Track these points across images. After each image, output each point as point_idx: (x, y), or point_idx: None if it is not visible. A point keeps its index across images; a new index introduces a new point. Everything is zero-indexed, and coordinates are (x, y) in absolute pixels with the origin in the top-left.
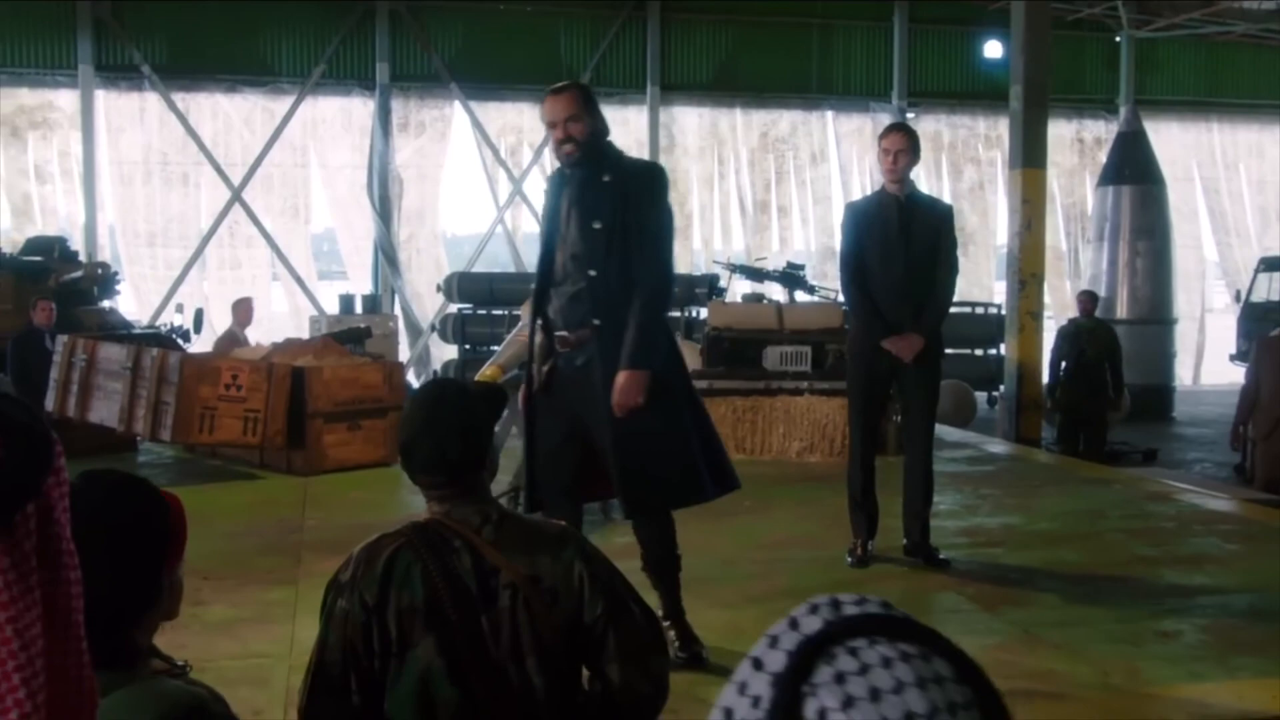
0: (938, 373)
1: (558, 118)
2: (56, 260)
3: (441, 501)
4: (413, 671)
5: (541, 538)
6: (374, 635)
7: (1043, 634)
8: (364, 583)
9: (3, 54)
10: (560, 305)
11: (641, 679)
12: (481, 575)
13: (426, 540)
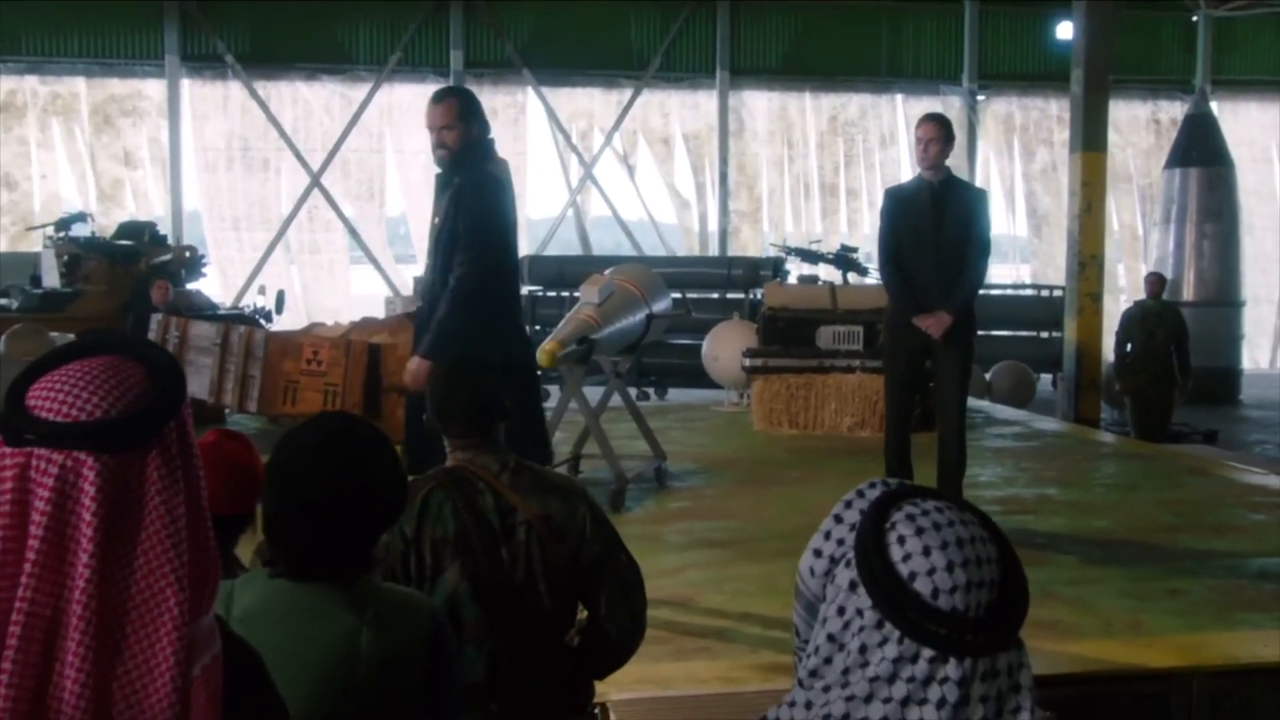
0: (969, 349)
1: (434, 125)
2: (147, 244)
3: (466, 450)
4: (442, 593)
5: (551, 485)
6: (411, 562)
7: (1057, 590)
8: (403, 519)
9: (95, 46)
10: (424, 283)
11: (624, 611)
12: (501, 513)
13: (455, 482)
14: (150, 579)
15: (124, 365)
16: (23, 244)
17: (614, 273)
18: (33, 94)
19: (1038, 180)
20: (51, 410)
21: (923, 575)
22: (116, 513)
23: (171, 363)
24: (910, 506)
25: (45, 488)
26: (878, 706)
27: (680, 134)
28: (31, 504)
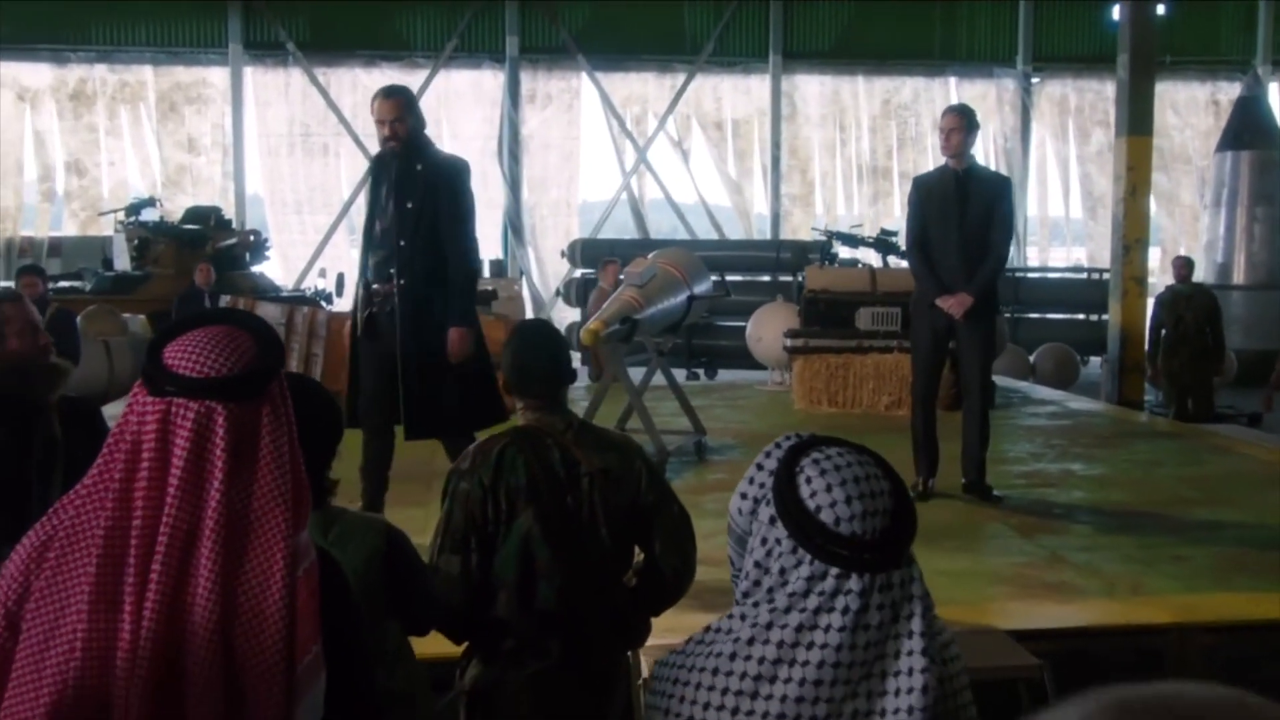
0: (991, 328)
1: (386, 118)
2: (213, 228)
3: (536, 411)
4: (516, 535)
5: (610, 442)
6: (488, 508)
7: (1067, 555)
8: (481, 469)
9: (161, 35)
10: (374, 264)
11: (676, 554)
12: (567, 465)
13: (526, 439)
14: (265, 501)
15: (237, 334)
16: (92, 229)
17: (656, 256)
18: (102, 83)
19: (1093, 163)
20: (188, 368)
21: (826, 508)
22: (238, 449)
23: (272, 333)
24: (816, 453)
25: (185, 429)
26: (795, 615)
27: (732, 118)
28: (173, 442)
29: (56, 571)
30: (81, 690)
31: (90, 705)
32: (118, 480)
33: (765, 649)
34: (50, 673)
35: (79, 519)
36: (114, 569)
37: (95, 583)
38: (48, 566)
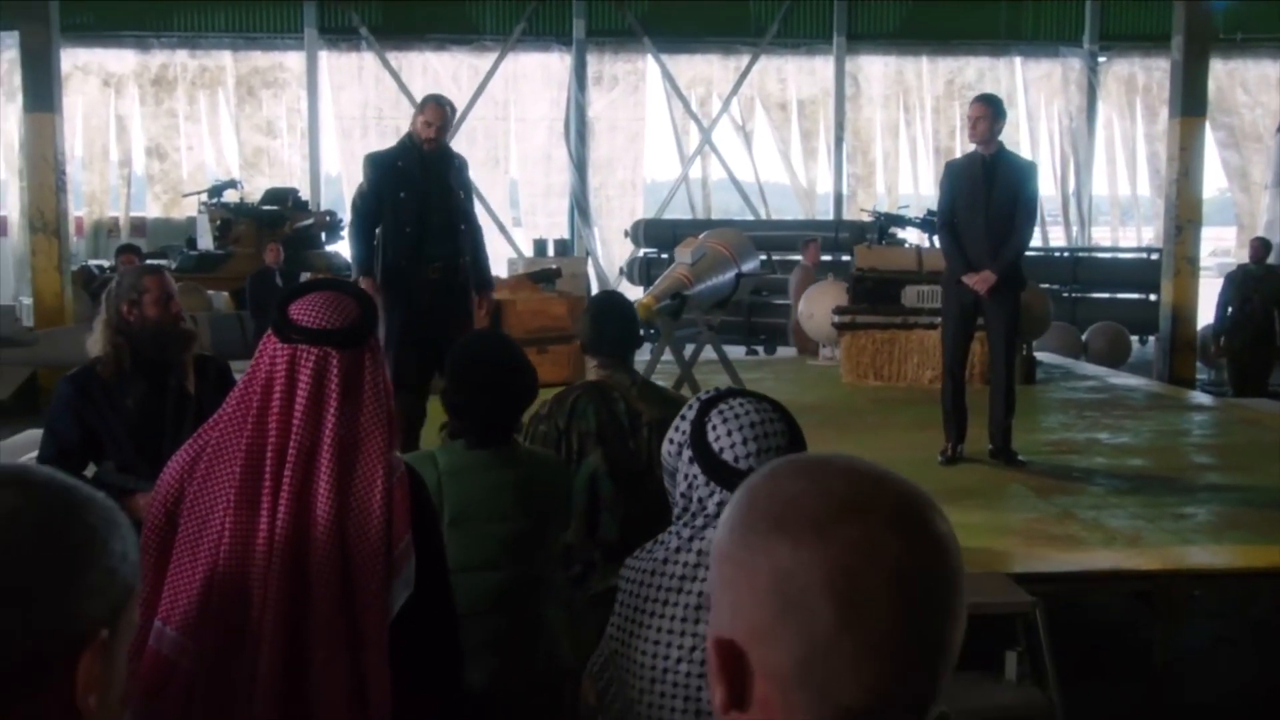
0: (1015, 303)
1: (437, 121)
2: (290, 209)
3: (604, 368)
4: (585, 472)
5: (668, 398)
6: (561, 447)
7: (1077, 513)
8: (557, 415)
9: (240, 20)
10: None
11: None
12: (630, 416)
13: (596, 391)
14: (368, 426)
15: (344, 297)
16: (174, 210)
17: (707, 236)
18: (183, 68)
19: (1161, 142)
20: (309, 321)
21: (727, 449)
22: (347, 386)
23: (369, 298)
24: (722, 405)
25: (307, 369)
26: (710, 531)
27: (797, 99)
28: (298, 379)
29: (206, 479)
30: (228, 570)
31: (234, 582)
32: (254, 409)
33: (686, 556)
34: (203, 557)
35: (223, 439)
36: (253, 477)
37: (238, 488)
38: (198, 475)
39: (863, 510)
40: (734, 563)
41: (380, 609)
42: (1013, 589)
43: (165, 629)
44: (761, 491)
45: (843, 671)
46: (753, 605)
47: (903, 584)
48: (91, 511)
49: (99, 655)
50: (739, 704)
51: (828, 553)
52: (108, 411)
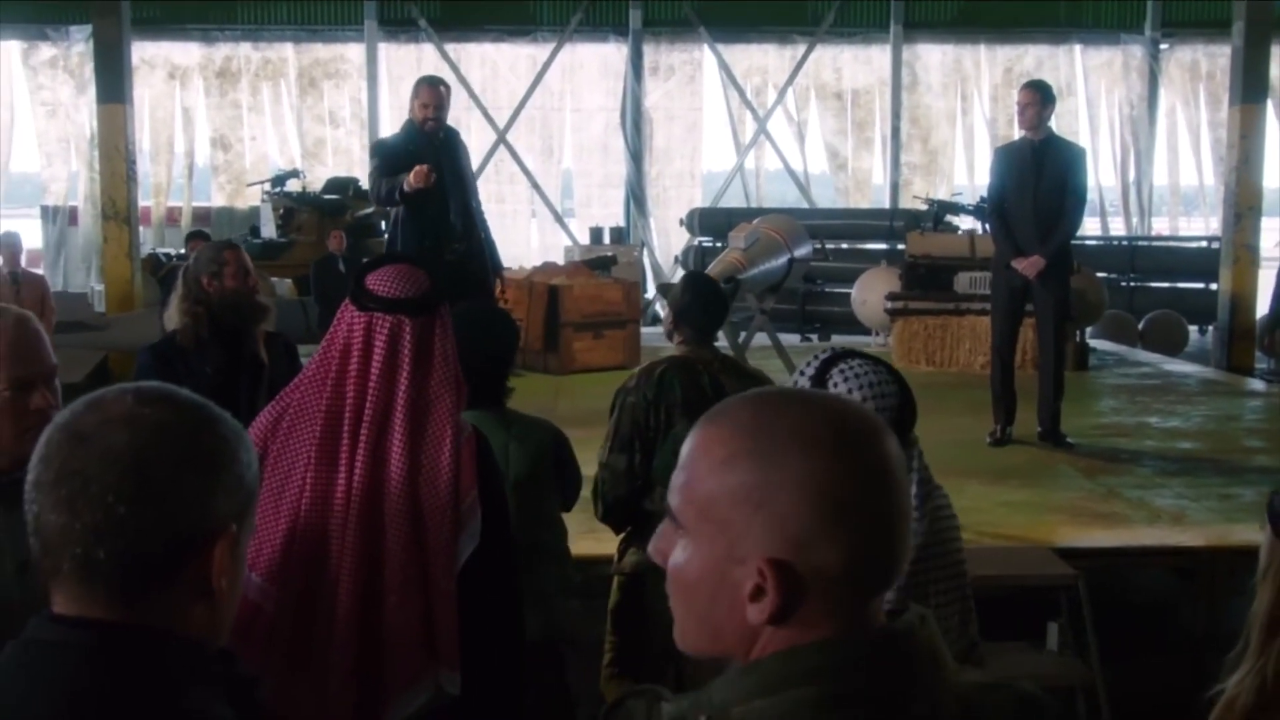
0: (1064, 288)
1: (438, 103)
2: (351, 198)
3: (689, 344)
4: (672, 441)
5: (748, 373)
6: (650, 418)
7: (1123, 492)
8: (645, 387)
9: (302, 14)
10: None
11: None
12: (714, 388)
13: (682, 365)
14: (438, 389)
15: (416, 270)
16: (238, 200)
17: (760, 221)
18: (246, 60)
19: (1225, 128)
20: (385, 291)
21: None
22: (419, 352)
23: (436, 272)
24: (843, 363)
25: (382, 336)
26: None
27: (852, 89)
28: (374, 344)
29: (288, 438)
30: (309, 522)
31: (314, 532)
32: (333, 373)
33: None
34: (285, 510)
35: (304, 401)
36: (332, 436)
37: (319, 446)
38: (281, 434)
39: (860, 426)
40: (768, 484)
41: (448, 559)
42: (1057, 563)
43: (250, 576)
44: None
45: (875, 564)
46: (795, 518)
47: (901, 480)
48: (224, 425)
49: (229, 546)
50: (785, 617)
51: (859, 460)
52: (185, 378)
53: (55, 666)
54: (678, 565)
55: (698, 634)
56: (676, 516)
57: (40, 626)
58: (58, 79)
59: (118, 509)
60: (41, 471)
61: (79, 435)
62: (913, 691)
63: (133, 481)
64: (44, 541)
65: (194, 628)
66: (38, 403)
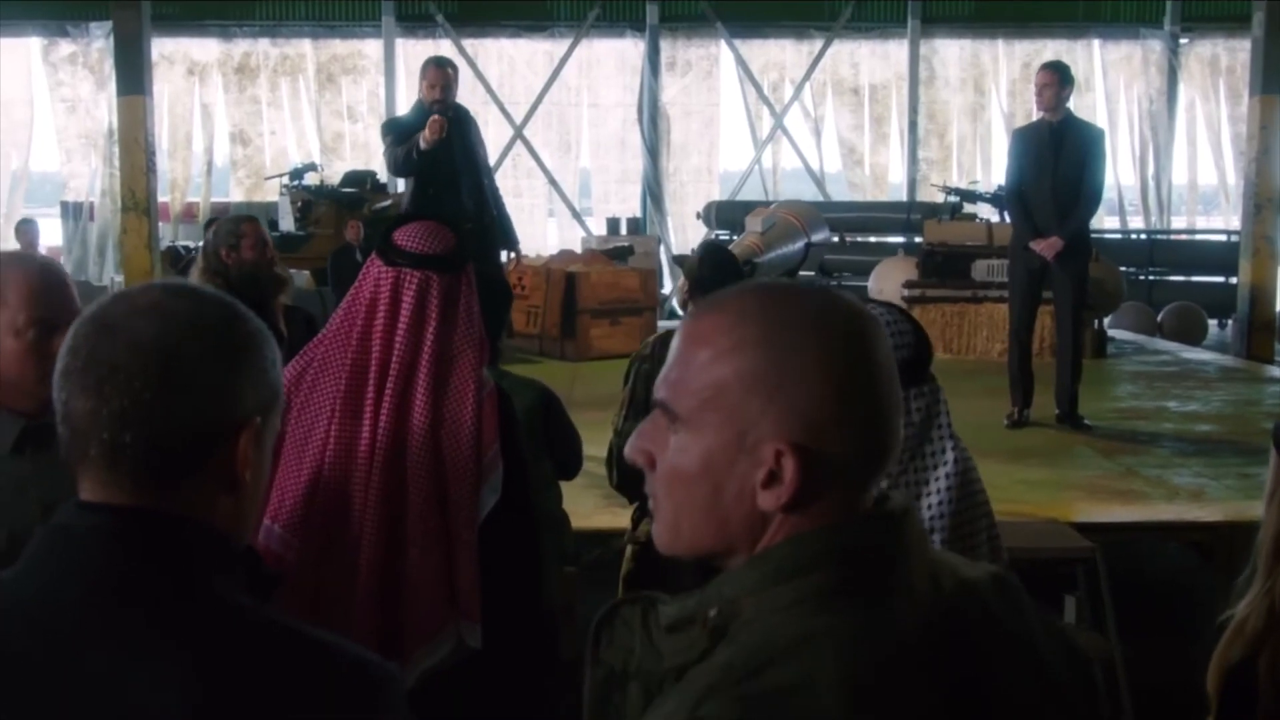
0: (1082, 269)
1: (444, 82)
2: (369, 191)
3: None
4: None
5: None
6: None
7: (1141, 471)
8: (658, 354)
9: (320, 10)
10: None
11: None
12: None
13: None
14: (461, 344)
15: (442, 228)
16: (257, 195)
17: (778, 206)
18: (265, 56)
19: (1245, 122)
20: (413, 247)
21: None
22: (446, 307)
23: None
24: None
25: (410, 291)
26: None
27: (869, 84)
28: (401, 299)
29: (311, 390)
30: (333, 473)
31: (338, 484)
32: (359, 327)
33: None
34: (308, 462)
35: (328, 354)
36: (357, 389)
37: (343, 398)
38: (304, 387)
39: (865, 316)
40: (785, 368)
41: (469, 511)
42: (1074, 536)
43: (274, 527)
44: (776, 306)
45: (877, 451)
46: (811, 403)
47: (895, 373)
48: (251, 321)
49: (252, 438)
50: (799, 503)
51: (868, 347)
52: None
53: (81, 550)
54: (675, 459)
55: (698, 529)
56: (673, 409)
57: (67, 512)
58: (77, 75)
59: (144, 395)
60: (70, 360)
61: (106, 325)
62: (918, 568)
63: (159, 368)
64: (72, 428)
65: (219, 520)
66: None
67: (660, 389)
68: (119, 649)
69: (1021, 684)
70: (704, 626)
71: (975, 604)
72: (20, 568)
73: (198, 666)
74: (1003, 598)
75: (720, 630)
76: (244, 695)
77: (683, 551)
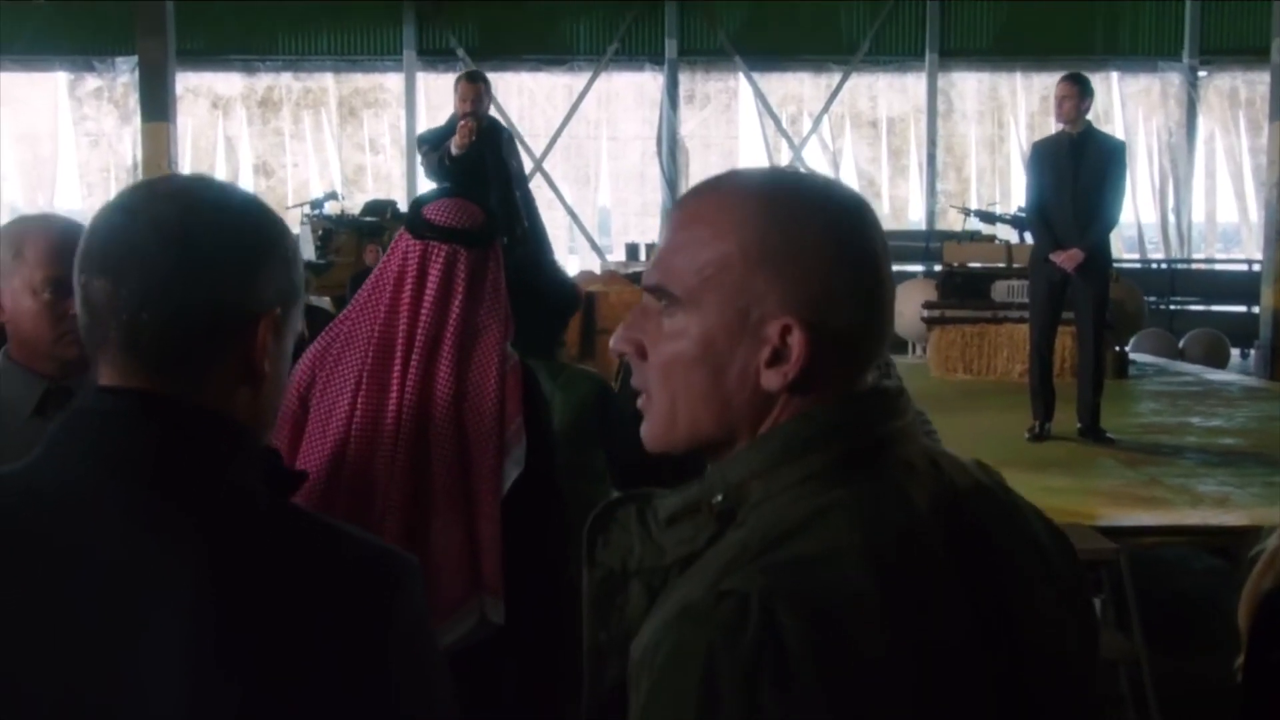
0: (1104, 282)
1: (470, 95)
2: (389, 219)
3: None
4: None
5: None
6: None
7: (1165, 480)
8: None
9: (343, 44)
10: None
11: None
12: None
13: None
14: (486, 318)
15: (470, 204)
16: None
17: None
18: (287, 90)
19: (1265, 154)
20: (442, 220)
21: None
22: (473, 281)
23: (490, 209)
24: None
25: (438, 264)
26: None
27: (888, 116)
28: (429, 272)
29: (337, 363)
30: (358, 445)
31: (363, 456)
32: (386, 299)
33: None
34: (333, 433)
35: (354, 328)
36: (384, 360)
37: (370, 370)
38: (329, 360)
39: (855, 192)
40: (791, 242)
41: (493, 483)
42: (1097, 539)
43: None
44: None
45: (875, 332)
46: (818, 278)
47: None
48: (271, 213)
49: (272, 328)
50: (805, 380)
51: (868, 227)
52: None
53: (100, 433)
54: (672, 344)
55: (697, 416)
56: (669, 290)
57: (87, 396)
58: (102, 109)
59: (163, 274)
60: (90, 244)
61: (128, 210)
62: (916, 446)
63: (179, 248)
64: (91, 310)
65: (238, 412)
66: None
67: (652, 274)
68: (137, 530)
69: (1022, 552)
70: (710, 513)
71: (969, 479)
72: (40, 452)
73: (212, 547)
74: (989, 474)
75: (727, 515)
76: (257, 576)
77: (679, 443)
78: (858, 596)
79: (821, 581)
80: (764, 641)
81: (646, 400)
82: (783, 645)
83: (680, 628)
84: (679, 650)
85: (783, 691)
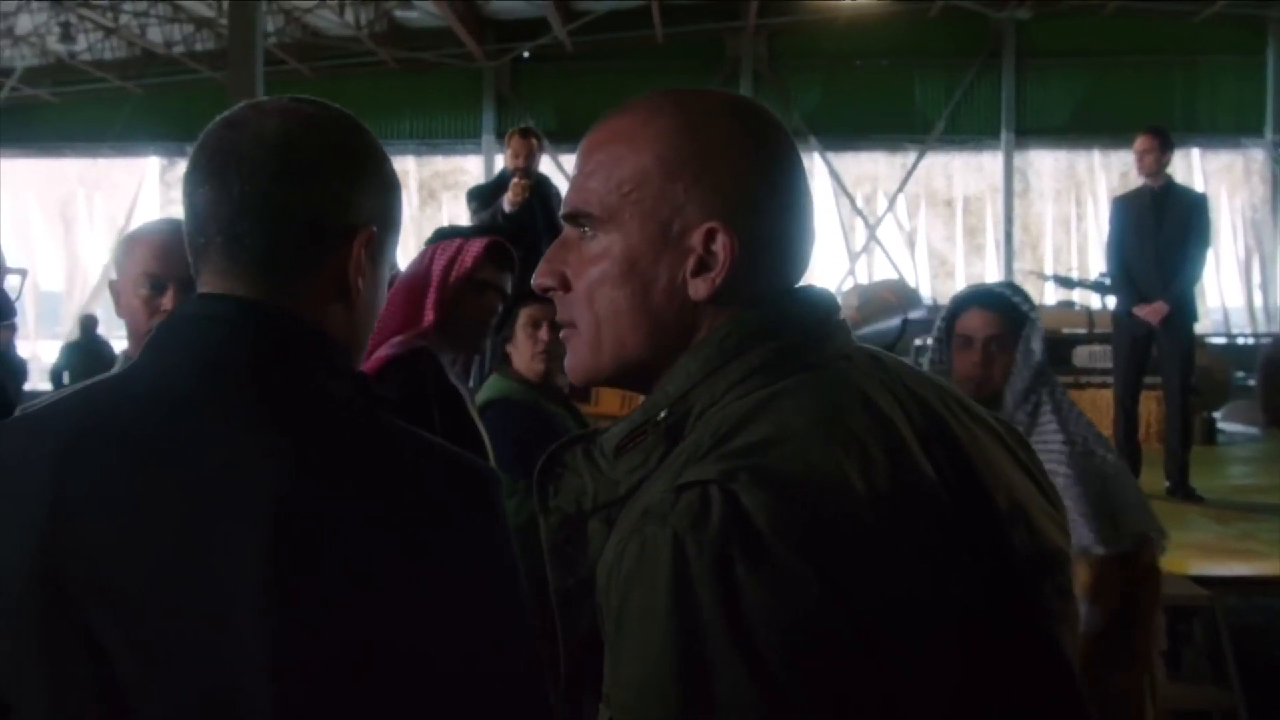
0: (1188, 335)
1: (522, 150)
2: None
3: None
4: None
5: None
6: None
7: (1259, 534)
8: None
9: (423, 129)
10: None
11: None
12: None
13: None
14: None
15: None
16: None
17: (872, 284)
18: None
19: None
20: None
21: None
22: None
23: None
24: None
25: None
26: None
27: (963, 195)
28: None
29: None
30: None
31: None
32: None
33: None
34: None
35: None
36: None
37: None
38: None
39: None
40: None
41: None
42: (1190, 586)
43: None
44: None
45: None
46: (737, 183)
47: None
48: (374, 141)
49: (368, 245)
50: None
51: (784, 135)
52: None
53: (199, 336)
54: (595, 267)
55: (624, 338)
56: (588, 211)
57: (187, 303)
58: None
59: (263, 183)
60: (197, 155)
61: (234, 123)
62: (850, 336)
63: (279, 160)
64: (195, 216)
65: (332, 327)
66: (167, 304)
67: (569, 201)
68: (229, 430)
69: (975, 424)
70: (658, 432)
71: (911, 370)
72: (142, 356)
73: (300, 450)
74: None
75: (675, 429)
76: (344, 478)
77: (605, 369)
78: (817, 467)
79: (779, 457)
80: (730, 523)
81: (571, 333)
82: (750, 524)
83: (643, 530)
84: (644, 551)
85: (759, 568)
